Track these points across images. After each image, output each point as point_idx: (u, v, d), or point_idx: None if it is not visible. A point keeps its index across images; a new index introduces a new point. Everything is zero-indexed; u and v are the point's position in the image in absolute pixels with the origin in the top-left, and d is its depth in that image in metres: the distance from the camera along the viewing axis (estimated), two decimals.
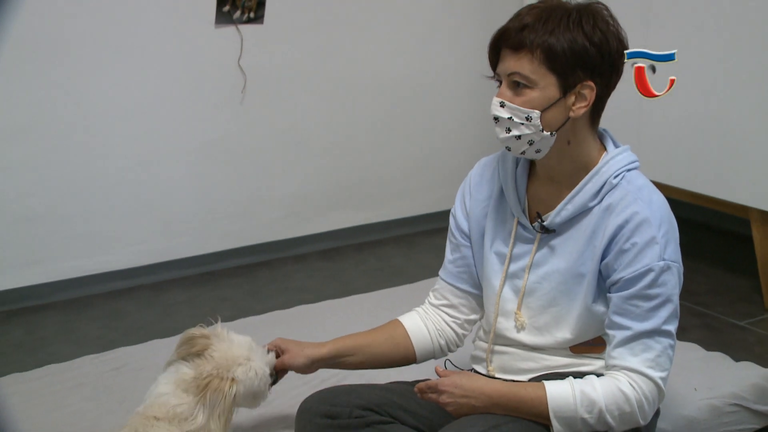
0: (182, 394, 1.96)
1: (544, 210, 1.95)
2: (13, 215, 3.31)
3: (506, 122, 1.85)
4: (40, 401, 2.47)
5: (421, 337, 2.12)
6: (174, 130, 3.57)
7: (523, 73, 1.82)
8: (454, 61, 4.13)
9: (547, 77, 1.82)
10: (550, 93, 1.83)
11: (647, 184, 1.92)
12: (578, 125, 1.88)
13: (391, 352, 2.12)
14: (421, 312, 2.16)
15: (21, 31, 3.18)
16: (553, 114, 1.84)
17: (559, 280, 1.93)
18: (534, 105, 1.83)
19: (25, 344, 3.08)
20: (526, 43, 1.81)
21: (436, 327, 2.13)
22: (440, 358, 2.17)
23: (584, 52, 1.81)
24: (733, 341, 3.08)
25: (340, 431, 1.97)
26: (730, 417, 2.40)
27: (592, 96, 1.85)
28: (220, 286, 3.59)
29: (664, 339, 1.84)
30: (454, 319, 2.13)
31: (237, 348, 2.02)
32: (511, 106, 1.84)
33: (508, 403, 1.86)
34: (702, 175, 3.41)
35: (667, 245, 1.84)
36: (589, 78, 1.83)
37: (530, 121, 1.84)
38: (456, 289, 2.12)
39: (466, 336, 2.16)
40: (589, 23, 1.83)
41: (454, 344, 2.15)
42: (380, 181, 4.10)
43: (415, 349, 2.12)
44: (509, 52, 1.84)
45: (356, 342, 2.13)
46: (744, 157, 3.25)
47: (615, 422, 1.83)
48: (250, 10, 3.58)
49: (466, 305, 2.13)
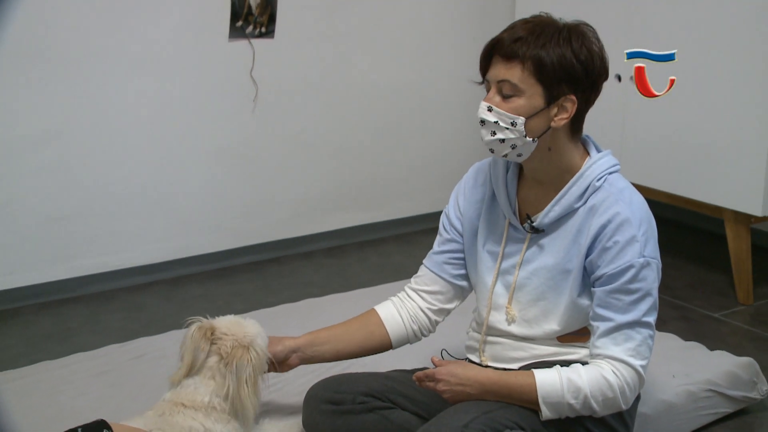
0: (210, 381, 1.94)
1: (533, 211, 1.95)
2: (43, 215, 3.31)
3: (492, 126, 1.85)
4: (68, 387, 2.48)
5: (395, 325, 2.10)
6: (191, 137, 3.57)
7: (512, 81, 1.82)
8: (450, 72, 4.13)
9: (534, 87, 1.82)
10: (535, 102, 1.83)
11: (628, 186, 1.92)
12: (558, 134, 1.88)
13: (365, 339, 2.09)
14: (396, 301, 2.13)
15: (50, 45, 3.19)
16: (537, 122, 1.84)
17: (547, 276, 1.93)
18: (520, 112, 1.83)
19: (54, 334, 3.08)
20: (518, 53, 1.81)
21: (410, 313, 2.10)
22: (414, 343, 2.14)
23: (570, 68, 1.81)
24: (709, 332, 3.08)
25: (344, 416, 1.98)
26: (706, 402, 2.40)
27: (573, 109, 1.85)
28: (234, 281, 3.59)
29: (644, 330, 1.85)
30: (429, 306, 2.10)
31: (243, 323, 2.01)
32: (498, 111, 1.84)
33: (500, 390, 1.86)
34: (679, 178, 3.41)
35: (646, 243, 1.84)
36: (572, 92, 1.84)
37: (515, 127, 1.83)
38: (438, 277, 2.10)
39: (439, 323, 2.14)
40: (578, 41, 1.83)
41: (426, 330, 2.13)
42: (381, 183, 4.10)
43: (390, 336, 2.09)
44: (501, 60, 1.84)
45: (330, 332, 2.11)
46: (718, 161, 3.25)
47: (599, 407, 1.84)
48: (261, 26, 3.58)
49: (444, 294, 2.10)
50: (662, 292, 1.98)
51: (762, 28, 3.02)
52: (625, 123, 3.52)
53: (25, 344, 2.99)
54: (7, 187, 3.23)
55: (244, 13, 3.51)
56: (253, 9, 3.53)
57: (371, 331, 2.10)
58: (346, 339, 2.09)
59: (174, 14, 3.41)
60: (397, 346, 2.13)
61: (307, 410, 2.04)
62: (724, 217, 3.31)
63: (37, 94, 3.21)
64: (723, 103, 3.19)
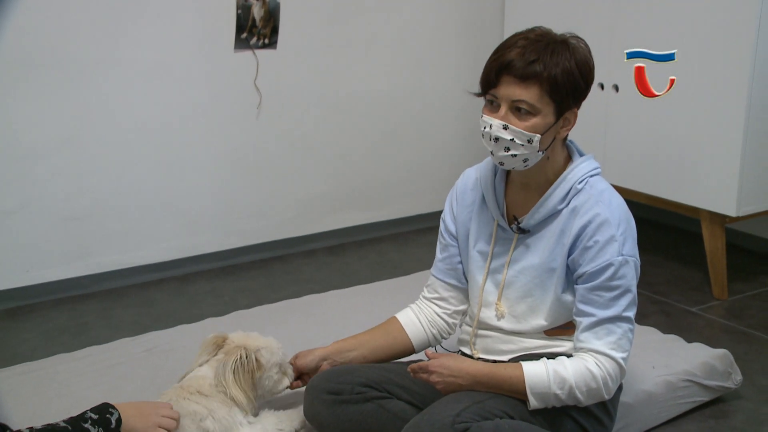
0: (213, 372, 2.01)
1: (520, 213, 1.95)
2: (59, 215, 3.31)
3: (507, 143, 1.82)
4: (82, 378, 2.48)
5: (415, 330, 2.12)
6: (198, 142, 3.57)
7: (530, 101, 1.79)
8: (444, 82, 4.13)
9: (548, 105, 1.81)
10: (548, 119, 1.82)
11: (608, 188, 1.92)
12: (556, 143, 1.88)
13: (389, 345, 2.12)
14: (415, 308, 2.16)
15: (64, 55, 3.18)
16: (548, 136, 1.84)
17: (534, 274, 1.93)
18: (536, 129, 1.81)
19: (70, 328, 3.07)
20: (535, 74, 1.77)
21: (428, 319, 2.13)
22: (435, 345, 2.17)
23: (576, 82, 1.81)
24: (686, 325, 3.08)
25: (343, 405, 1.98)
26: (683, 391, 2.40)
27: (574, 120, 1.85)
28: (240, 278, 3.59)
29: (625, 324, 1.85)
30: (444, 310, 2.13)
31: (256, 336, 2.09)
32: (514, 129, 1.81)
33: (490, 381, 1.86)
34: (658, 181, 3.41)
35: (625, 242, 1.84)
36: (576, 104, 1.84)
37: (531, 144, 1.82)
38: (445, 284, 2.12)
39: (456, 324, 2.16)
40: (578, 54, 1.82)
41: (446, 332, 2.15)
42: (380, 185, 4.10)
43: (411, 341, 2.12)
44: (515, 80, 1.79)
45: (357, 340, 2.14)
46: (695, 165, 3.25)
47: (583, 397, 1.84)
48: (264, 37, 3.57)
49: (455, 297, 2.12)
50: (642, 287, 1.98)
51: (734, 37, 3.02)
52: (607, 129, 3.52)
53: (41, 338, 2.99)
54: (24, 189, 3.23)
55: (249, 26, 3.51)
56: (257, 21, 3.53)
57: (394, 337, 2.12)
58: (371, 346, 2.12)
59: (183, 26, 3.41)
60: (419, 350, 2.15)
61: (308, 400, 2.04)
62: (701, 218, 3.31)
63: (52, 101, 3.20)
64: (699, 111, 3.19)
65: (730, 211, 3.16)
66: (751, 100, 3.05)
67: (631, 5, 3.35)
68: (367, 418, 1.98)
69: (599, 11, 3.47)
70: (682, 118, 3.25)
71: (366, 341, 2.13)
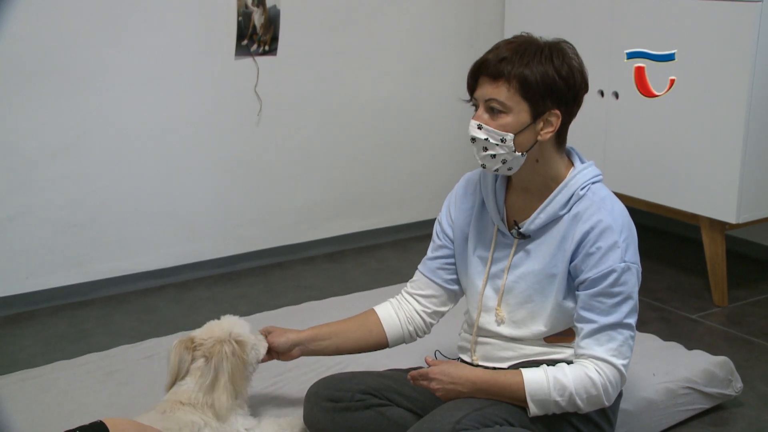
0: (199, 380, 1.98)
1: (521, 218, 1.95)
2: (59, 223, 3.30)
3: (483, 142, 1.85)
4: (82, 385, 2.47)
5: (392, 324, 2.10)
6: (198, 148, 3.57)
7: (500, 99, 1.82)
8: (442, 90, 4.13)
9: (520, 104, 1.82)
10: (522, 118, 1.83)
11: (610, 195, 1.92)
12: (545, 147, 1.87)
13: (364, 337, 2.09)
14: (394, 302, 2.13)
15: (64, 63, 3.19)
16: (524, 137, 1.84)
17: (534, 279, 1.92)
18: (508, 128, 1.83)
19: (70, 335, 3.07)
20: (504, 72, 1.80)
21: (407, 315, 2.10)
22: (410, 343, 2.14)
23: (553, 84, 1.81)
24: (686, 332, 3.07)
25: (343, 413, 1.97)
26: (684, 398, 2.40)
27: (558, 123, 1.85)
28: (239, 285, 3.58)
29: (626, 331, 1.84)
30: (424, 308, 2.10)
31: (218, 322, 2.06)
32: (487, 128, 1.84)
33: (490, 389, 1.86)
34: (659, 188, 3.41)
35: (627, 249, 1.84)
36: (556, 107, 1.83)
37: (504, 143, 1.83)
38: (432, 282, 2.10)
39: (434, 325, 2.14)
40: (559, 58, 1.82)
41: (422, 331, 2.12)
42: (378, 192, 4.10)
43: (387, 335, 2.10)
44: (488, 80, 1.83)
45: (332, 329, 2.12)
46: (695, 172, 3.25)
47: (583, 404, 1.83)
48: (265, 44, 3.58)
49: (437, 297, 2.10)
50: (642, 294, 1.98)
51: (734, 43, 3.03)
52: (608, 135, 3.52)
53: (41, 344, 2.98)
54: (24, 196, 3.22)
55: (249, 33, 3.51)
56: (257, 28, 3.53)
57: (370, 329, 2.10)
58: (346, 336, 2.10)
59: (184, 33, 3.41)
60: (393, 345, 2.13)
61: (307, 407, 2.03)
62: (701, 224, 3.31)
63: (51, 108, 3.20)
64: (699, 118, 3.20)
65: (731, 218, 3.16)
66: (751, 107, 3.05)
67: (631, 12, 3.36)
68: (366, 426, 1.97)
69: (599, 20, 3.47)
70: (683, 125, 3.25)
71: (341, 331, 2.10)
